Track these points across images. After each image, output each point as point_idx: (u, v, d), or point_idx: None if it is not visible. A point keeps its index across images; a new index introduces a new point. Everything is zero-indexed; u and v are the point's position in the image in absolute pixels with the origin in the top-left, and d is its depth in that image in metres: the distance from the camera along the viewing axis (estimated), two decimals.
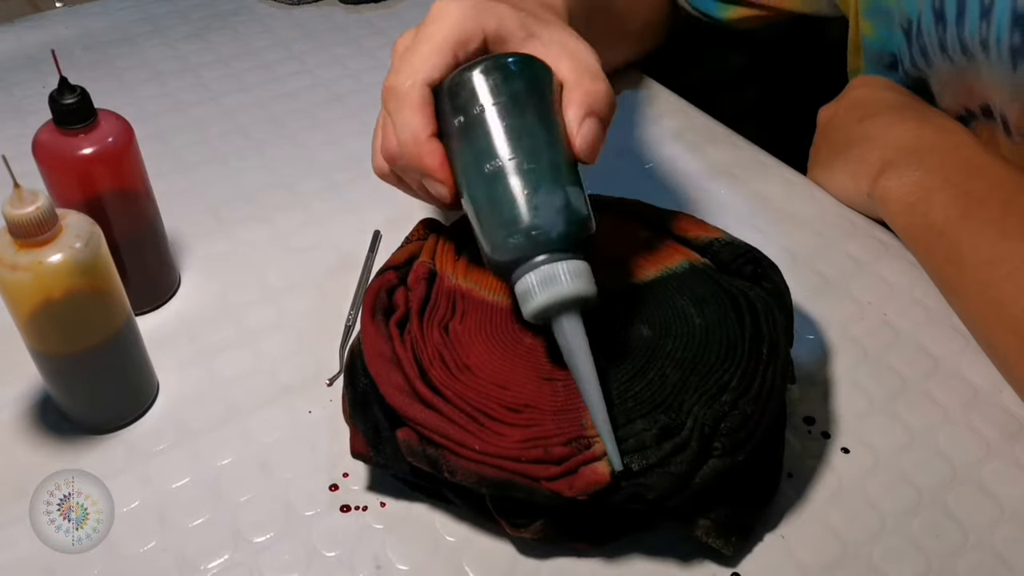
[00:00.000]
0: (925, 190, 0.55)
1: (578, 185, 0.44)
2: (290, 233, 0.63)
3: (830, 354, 0.54)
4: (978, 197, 0.53)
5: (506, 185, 0.43)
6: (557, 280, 0.41)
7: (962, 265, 0.52)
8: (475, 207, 0.44)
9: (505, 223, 0.42)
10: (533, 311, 0.42)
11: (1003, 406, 0.50)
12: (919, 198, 0.55)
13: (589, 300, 0.42)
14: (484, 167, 0.43)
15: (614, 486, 0.40)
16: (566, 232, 0.42)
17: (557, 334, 0.42)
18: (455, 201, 0.46)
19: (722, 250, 0.50)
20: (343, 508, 0.46)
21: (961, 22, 0.54)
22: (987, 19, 0.52)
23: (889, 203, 0.57)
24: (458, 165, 0.45)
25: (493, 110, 0.44)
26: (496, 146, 0.43)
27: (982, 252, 0.51)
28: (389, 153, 0.47)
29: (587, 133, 0.44)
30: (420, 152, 0.45)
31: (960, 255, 0.53)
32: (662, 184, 0.66)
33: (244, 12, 0.88)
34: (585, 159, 0.44)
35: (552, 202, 0.42)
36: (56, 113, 0.48)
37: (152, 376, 0.51)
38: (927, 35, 0.58)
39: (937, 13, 0.56)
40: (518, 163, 0.43)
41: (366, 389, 0.45)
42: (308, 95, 0.77)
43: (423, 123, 0.45)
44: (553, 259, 0.41)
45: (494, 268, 0.44)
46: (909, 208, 0.56)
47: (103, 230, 0.44)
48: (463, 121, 0.44)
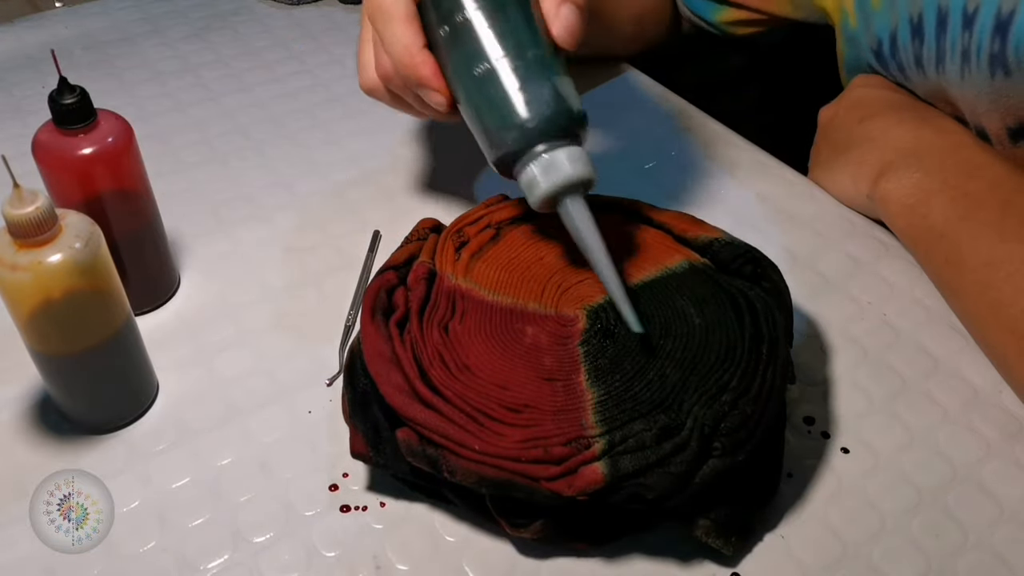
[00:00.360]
0: (924, 192, 0.55)
1: (566, 75, 0.46)
2: (289, 233, 0.63)
3: (830, 354, 0.54)
4: (977, 199, 0.53)
5: (497, 85, 0.45)
6: (557, 166, 0.44)
7: (961, 267, 0.52)
8: (470, 111, 0.46)
9: (501, 121, 0.45)
10: (538, 199, 0.44)
11: (1003, 406, 0.50)
12: (919, 200, 0.55)
13: (590, 182, 0.44)
14: (474, 71, 0.45)
15: (613, 486, 0.40)
16: (559, 121, 0.44)
17: (564, 218, 0.45)
18: (452, 108, 0.47)
19: (722, 250, 0.50)
20: (343, 508, 0.46)
21: (942, 33, 0.55)
22: (970, 29, 0.53)
23: (889, 205, 0.57)
24: (449, 73, 0.47)
25: (477, 15, 0.45)
26: (484, 48, 0.45)
27: (981, 254, 0.51)
28: (384, 71, 0.48)
29: (564, 18, 0.46)
30: (415, 63, 0.46)
31: (959, 257, 0.53)
32: (662, 184, 0.66)
33: (244, 12, 0.88)
34: (565, 45, 0.46)
35: (542, 95, 0.45)
36: (56, 113, 0.48)
37: (152, 376, 0.51)
38: (903, 51, 0.59)
39: (915, 28, 0.57)
40: (506, 62, 0.45)
41: (366, 389, 0.45)
42: (308, 95, 0.77)
43: (414, 35, 0.46)
44: (551, 148, 0.44)
45: (497, 166, 0.47)
46: (909, 210, 0.56)
47: (103, 230, 0.44)
48: (448, 30, 0.46)
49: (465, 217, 0.53)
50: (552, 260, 0.51)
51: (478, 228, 0.52)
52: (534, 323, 0.47)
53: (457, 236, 0.52)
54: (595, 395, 0.43)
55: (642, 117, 0.73)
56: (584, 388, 0.43)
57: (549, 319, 0.47)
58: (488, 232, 0.52)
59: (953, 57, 0.55)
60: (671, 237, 0.52)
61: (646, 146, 0.70)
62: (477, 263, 0.50)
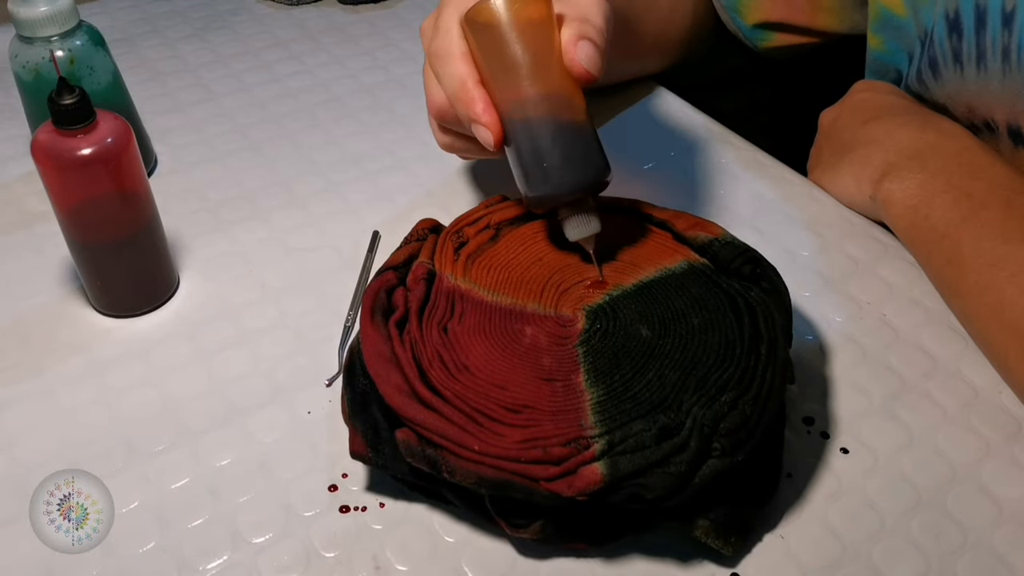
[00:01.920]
0: (927, 193, 0.55)
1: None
2: (289, 233, 0.63)
3: (829, 354, 0.54)
4: (980, 200, 0.53)
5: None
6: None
7: (963, 268, 0.52)
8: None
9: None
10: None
11: (1002, 406, 0.50)
12: (921, 201, 0.55)
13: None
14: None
15: (612, 486, 0.40)
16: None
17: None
18: (500, 147, 0.48)
19: (721, 250, 0.50)
20: (342, 509, 0.46)
21: (982, 30, 0.54)
22: (1009, 27, 0.52)
23: (892, 206, 0.57)
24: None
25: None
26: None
27: (983, 255, 0.51)
28: (438, 107, 0.50)
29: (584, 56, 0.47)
30: (469, 98, 0.47)
31: (961, 258, 0.53)
32: (662, 184, 0.66)
33: (243, 12, 0.88)
34: (584, 83, 0.47)
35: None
36: (55, 114, 0.48)
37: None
38: (938, 46, 0.58)
39: (951, 23, 0.56)
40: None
41: (365, 389, 0.45)
42: (307, 95, 0.77)
43: (468, 70, 0.48)
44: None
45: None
46: (911, 211, 0.56)
47: (102, 230, 0.44)
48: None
49: (464, 217, 0.53)
50: (551, 261, 0.51)
51: (477, 229, 0.52)
52: (533, 323, 0.47)
53: (456, 237, 0.52)
54: (594, 395, 0.43)
55: (642, 117, 0.73)
56: (583, 388, 0.43)
57: (548, 319, 0.47)
58: (487, 233, 0.52)
59: (995, 55, 0.54)
60: (670, 237, 0.52)
61: (646, 146, 0.70)
62: (476, 263, 0.50)
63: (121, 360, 0.53)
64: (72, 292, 0.57)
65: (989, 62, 0.55)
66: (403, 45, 0.84)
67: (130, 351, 0.54)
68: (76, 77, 0.59)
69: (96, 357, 0.54)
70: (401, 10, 0.89)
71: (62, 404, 0.51)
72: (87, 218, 0.51)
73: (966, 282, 0.52)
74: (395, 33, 0.86)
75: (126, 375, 0.52)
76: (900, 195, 0.56)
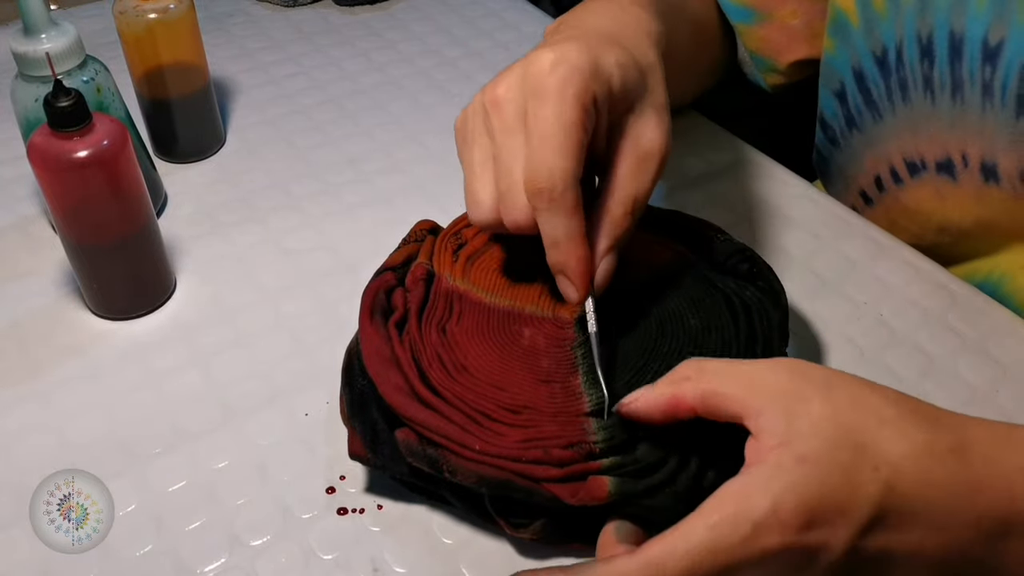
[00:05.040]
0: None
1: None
2: (286, 235, 0.63)
3: (826, 354, 0.54)
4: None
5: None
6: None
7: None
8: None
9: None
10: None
11: (999, 405, 0.51)
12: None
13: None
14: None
15: (617, 504, 0.39)
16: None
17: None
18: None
19: (718, 248, 0.50)
20: (340, 510, 0.46)
21: (957, 61, 0.52)
22: (992, 63, 0.50)
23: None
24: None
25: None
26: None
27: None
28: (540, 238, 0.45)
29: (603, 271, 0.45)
30: (574, 256, 0.44)
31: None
32: (661, 184, 0.65)
33: (239, 14, 0.88)
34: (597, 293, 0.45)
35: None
36: (51, 116, 0.48)
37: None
38: (909, 68, 0.56)
39: (923, 48, 0.54)
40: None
41: (364, 390, 0.45)
42: (303, 97, 0.77)
43: (579, 225, 0.43)
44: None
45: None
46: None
47: (98, 232, 0.44)
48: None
49: (462, 219, 0.53)
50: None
51: (475, 230, 0.52)
52: (531, 325, 0.47)
53: (455, 238, 0.52)
54: (593, 399, 0.42)
55: None
56: (581, 391, 0.43)
57: (546, 322, 0.47)
58: (485, 234, 0.52)
59: (973, 89, 0.52)
60: (667, 237, 0.52)
61: None
62: (474, 265, 0.50)
63: (118, 363, 0.53)
64: (69, 294, 0.57)
65: (967, 95, 0.53)
66: (399, 47, 0.84)
67: (127, 354, 0.54)
68: (104, 105, 0.58)
69: (93, 360, 0.53)
70: (397, 11, 0.89)
71: (59, 407, 0.51)
72: (83, 220, 0.51)
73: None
74: (391, 34, 0.85)
75: (123, 378, 0.52)
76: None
